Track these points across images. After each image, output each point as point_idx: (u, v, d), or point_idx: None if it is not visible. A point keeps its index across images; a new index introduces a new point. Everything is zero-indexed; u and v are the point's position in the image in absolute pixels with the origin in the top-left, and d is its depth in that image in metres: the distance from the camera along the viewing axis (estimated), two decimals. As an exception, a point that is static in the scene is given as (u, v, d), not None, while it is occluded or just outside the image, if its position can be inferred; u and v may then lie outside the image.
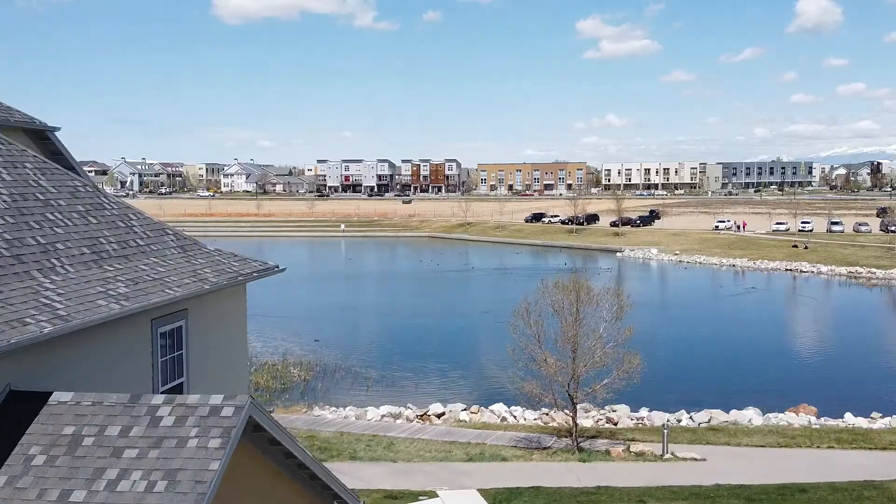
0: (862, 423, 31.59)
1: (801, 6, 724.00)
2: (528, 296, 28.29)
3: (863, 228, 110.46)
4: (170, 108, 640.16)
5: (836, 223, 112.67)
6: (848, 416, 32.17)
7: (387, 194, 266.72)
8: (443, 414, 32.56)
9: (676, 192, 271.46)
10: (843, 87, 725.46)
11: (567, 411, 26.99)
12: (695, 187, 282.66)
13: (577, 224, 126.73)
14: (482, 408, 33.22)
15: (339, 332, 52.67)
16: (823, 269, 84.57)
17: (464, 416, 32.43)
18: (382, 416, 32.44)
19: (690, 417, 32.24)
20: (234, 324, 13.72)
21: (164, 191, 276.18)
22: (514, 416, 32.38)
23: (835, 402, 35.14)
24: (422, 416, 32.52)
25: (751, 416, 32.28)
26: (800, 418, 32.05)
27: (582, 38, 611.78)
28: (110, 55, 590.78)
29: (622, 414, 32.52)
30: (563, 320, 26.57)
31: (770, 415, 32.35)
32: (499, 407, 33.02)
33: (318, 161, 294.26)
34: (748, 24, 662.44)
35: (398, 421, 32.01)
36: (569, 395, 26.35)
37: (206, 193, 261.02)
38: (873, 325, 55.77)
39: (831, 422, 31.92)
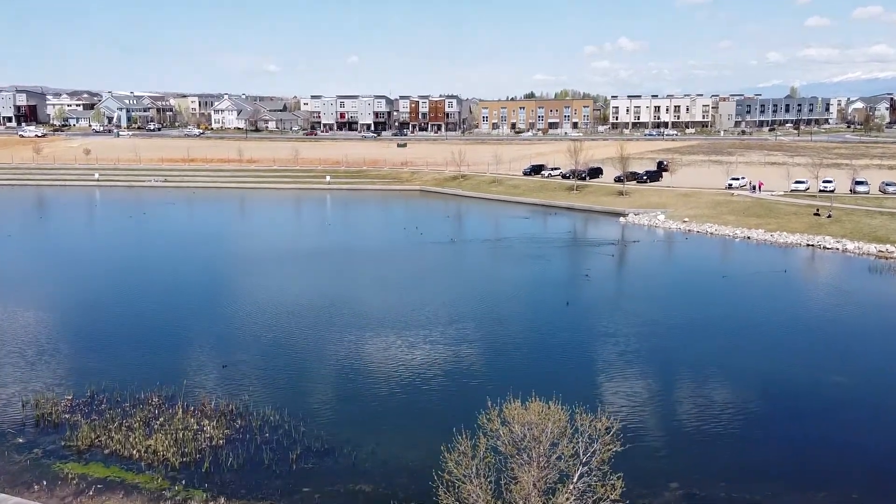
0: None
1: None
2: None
3: (890, 189, 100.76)
4: (173, 32, 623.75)
5: (860, 183, 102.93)
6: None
7: (384, 133, 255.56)
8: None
9: (687, 130, 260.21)
10: (859, 10, 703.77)
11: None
12: (706, 125, 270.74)
13: (578, 179, 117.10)
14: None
15: (272, 353, 43.86)
16: (849, 245, 75.51)
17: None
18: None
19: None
20: None
21: (152, 127, 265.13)
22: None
23: None
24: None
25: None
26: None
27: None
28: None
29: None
30: (521, 466, 18.08)
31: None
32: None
33: (313, 97, 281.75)
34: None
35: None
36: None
37: (196, 131, 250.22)
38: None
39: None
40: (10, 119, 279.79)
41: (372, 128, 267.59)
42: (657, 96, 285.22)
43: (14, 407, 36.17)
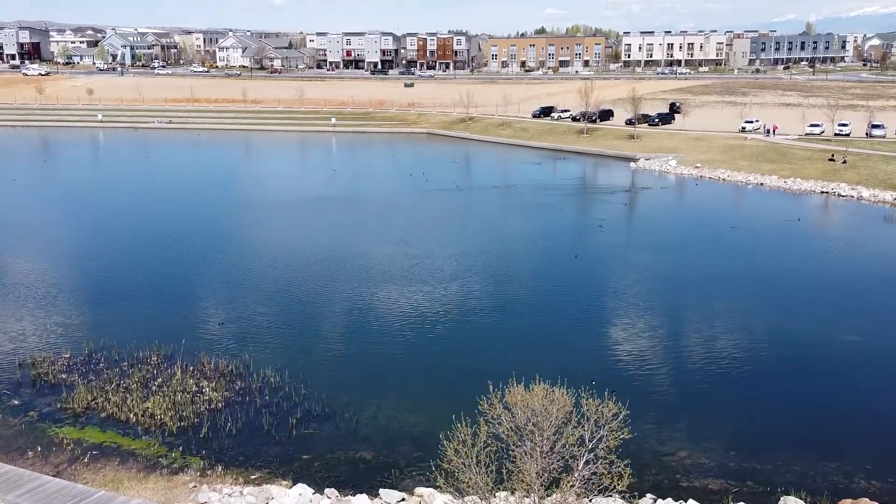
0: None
1: None
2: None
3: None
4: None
5: (876, 126, 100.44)
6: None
7: (391, 71, 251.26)
8: (370, 511, 23.81)
9: (701, 69, 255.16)
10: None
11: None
12: (720, 64, 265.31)
13: (588, 122, 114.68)
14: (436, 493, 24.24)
15: (273, 310, 43.00)
16: (865, 192, 73.89)
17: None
18: (290, 508, 23.76)
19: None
20: None
21: (156, 65, 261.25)
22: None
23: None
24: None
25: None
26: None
27: None
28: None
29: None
30: (524, 453, 17.23)
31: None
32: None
33: (318, 34, 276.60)
34: None
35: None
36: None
37: (201, 68, 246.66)
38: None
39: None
40: (13, 56, 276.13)
41: (379, 66, 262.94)
42: (670, 33, 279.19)
43: (11, 366, 35.57)
